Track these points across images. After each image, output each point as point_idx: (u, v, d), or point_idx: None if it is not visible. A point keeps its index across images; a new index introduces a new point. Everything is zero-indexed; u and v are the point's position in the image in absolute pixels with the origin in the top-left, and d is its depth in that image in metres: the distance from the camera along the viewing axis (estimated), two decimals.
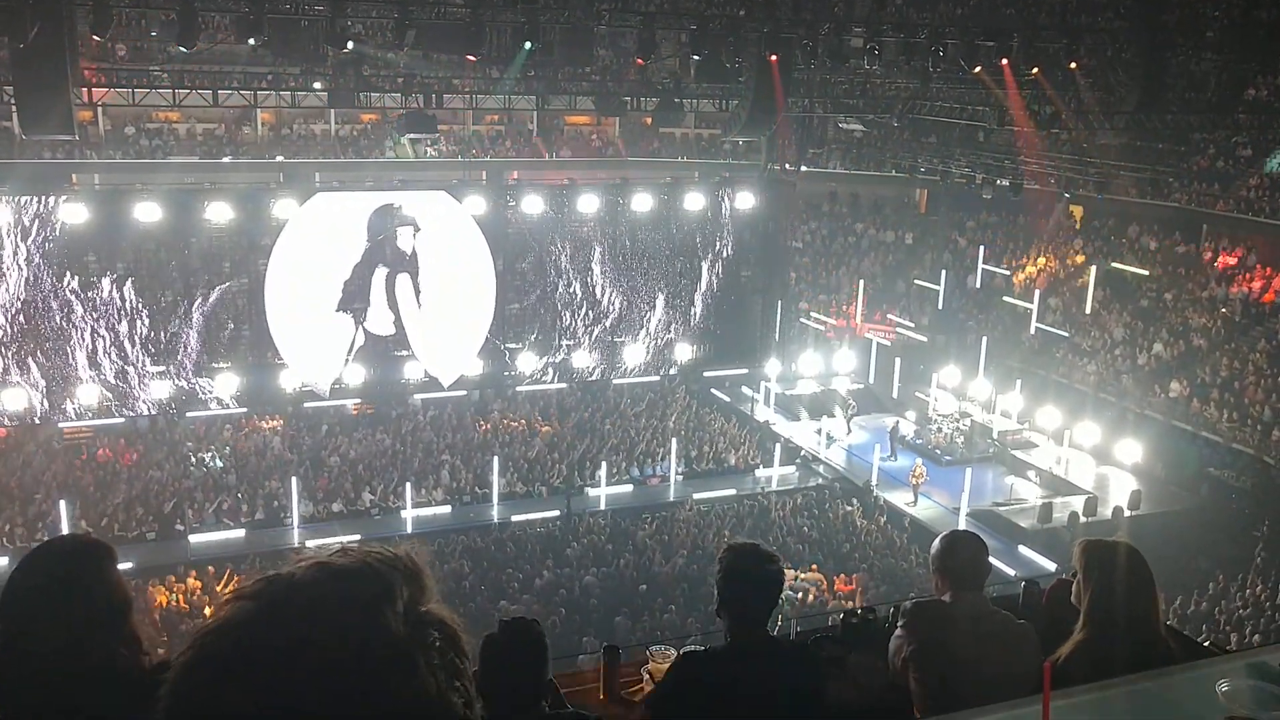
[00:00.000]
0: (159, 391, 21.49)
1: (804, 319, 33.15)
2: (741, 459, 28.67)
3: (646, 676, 4.46)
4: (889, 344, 32.68)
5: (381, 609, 1.16)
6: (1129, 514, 24.15)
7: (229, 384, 21.92)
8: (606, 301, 24.57)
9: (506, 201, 23.70)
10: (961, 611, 3.87)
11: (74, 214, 20.20)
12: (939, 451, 28.47)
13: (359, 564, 1.21)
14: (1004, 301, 32.81)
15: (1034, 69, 25.46)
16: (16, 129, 23.96)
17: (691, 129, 37.15)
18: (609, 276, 24.49)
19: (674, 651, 4.33)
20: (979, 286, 34.05)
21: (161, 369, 21.38)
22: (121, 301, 20.90)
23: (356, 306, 22.52)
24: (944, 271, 34.06)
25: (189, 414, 24.08)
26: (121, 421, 24.36)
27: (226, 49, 27.73)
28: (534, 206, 23.54)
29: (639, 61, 26.27)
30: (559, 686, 3.81)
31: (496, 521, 24.98)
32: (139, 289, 21.08)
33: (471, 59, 26.92)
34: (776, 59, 24.45)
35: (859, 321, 33.37)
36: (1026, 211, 33.21)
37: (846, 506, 25.97)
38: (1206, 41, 28.60)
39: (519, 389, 28.00)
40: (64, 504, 22.35)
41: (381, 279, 22.61)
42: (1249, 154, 29.34)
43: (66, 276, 20.41)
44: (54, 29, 18.54)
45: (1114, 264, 31.38)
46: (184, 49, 20.77)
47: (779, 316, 27.04)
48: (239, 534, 23.75)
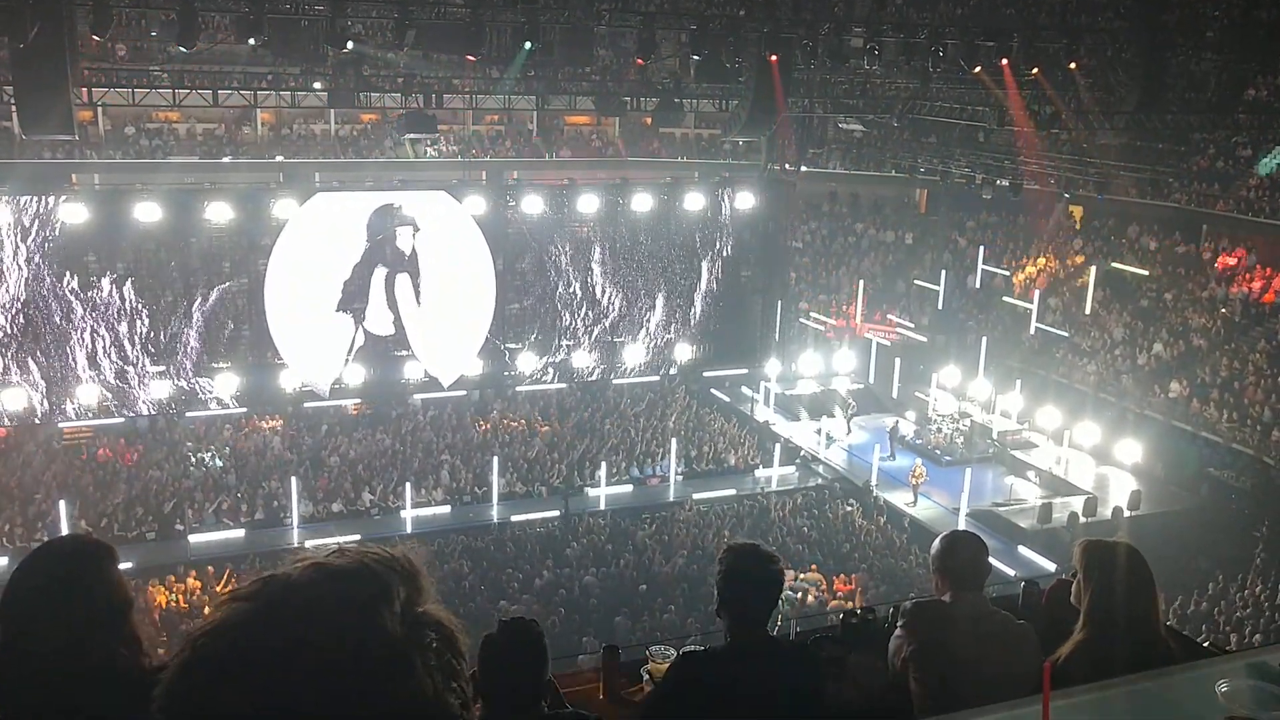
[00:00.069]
0: (159, 391, 21.48)
1: (804, 319, 33.14)
2: (741, 459, 28.68)
3: (646, 677, 4.45)
4: (889, 344, 32.67)
5: (378, 610, 1.16)
6: (1129, 514, 24.15)
7: (229, 384, 21.92)
8: (606, 301, 24.56)
9: (506, 201, 23.69)
10: (961, 612, 3.87)
11: (74, 214, 20.18)
12: (939, 452, 28.47)
13: (356, 565, 1.21)
14: (1004, 301, 32.80)
15: (1034, 69, 25.45)
16: (16, 129, 23.94)
17: (691, 129, 37.16)
18: (609, 276, 24.48)
19: (674, 652, 4.33)
20: (979, 286, 34.05)
21: (161, 369, 21.37)
22: (121, 301, 20.88)
23: (356, 306, 22.51)
24: (944, 271, 34.06)
25: (189, 414, 24.07)
26: (121, 421, 24.36)
27: (226, 49, 27.72)
28: (534, 206, 23.53)
29: (639, 61, 26.26)
30: (559, 686, 3.81)
31: (496, 521, 25.00)
32: (139, 289, 21.07)
33: (471, 59, 26.94)
34: (776, 59, 24.46)
35: (859, 321, 33.37)
36: (1026, 211, 33.20)
37: (846, 507, 25.98)
38: (1206, 41, 28.59)
39: (519, 389, 28.00)
40: (64, 504, 22.38)
41: (381, 279, 22.60)
42: (1249, 154, 29.32)
43: (66, 276, 20.38)
44: (54, 29, 18.54)
45: (1114, 264, 31.38)
46: (184, 49, 20.76)
47: (779, 316, 27.03)
48: (239, 534, 23.77)
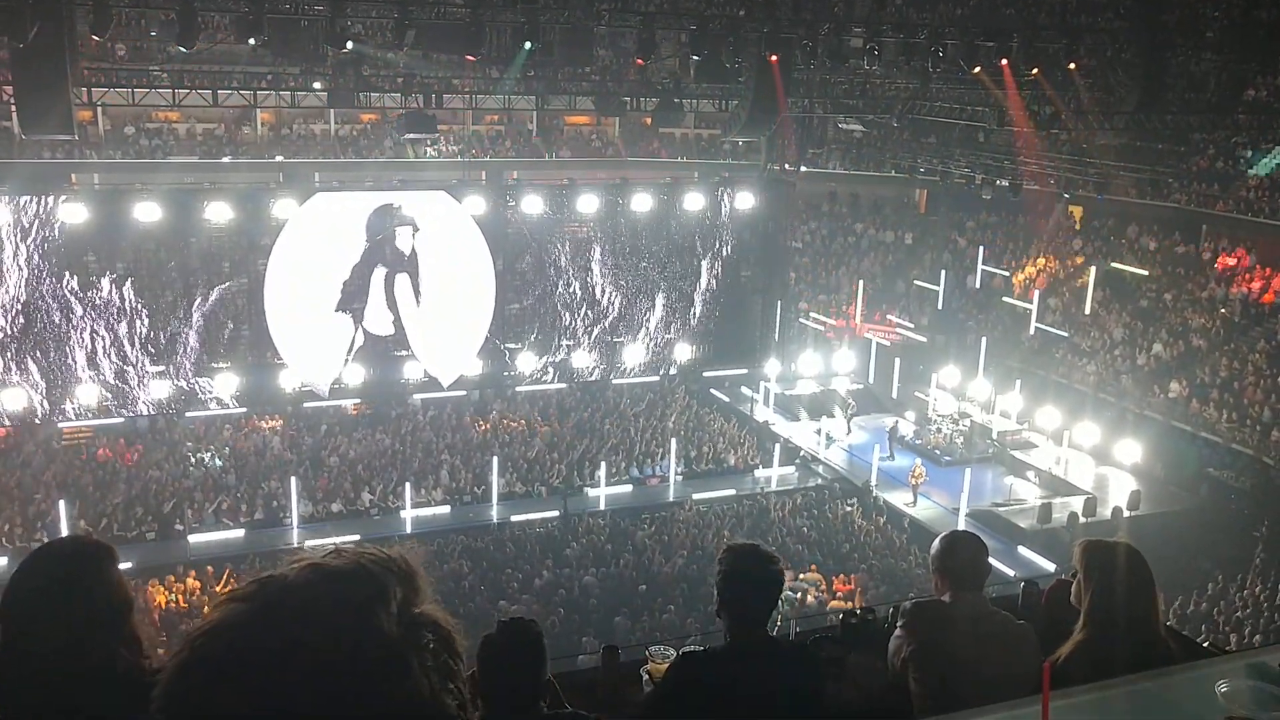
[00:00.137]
0: (158, 391, 21.47)
1: (803, 319, 33.14)
2: (741, 459, 28.68)
3: (646, 677, 4.45)
4: (889, 344, 32.66)
5: (375, 611, 1.16)
6: (1128, 514, 24.15)
7: (228, 384, 21.92)
8: (606, 301, 24.56)
9: (506, 201, 23.69)
10: (961, 612, 3.87)
11: (73, 214, 20.17)
12: (938, 452, 28.47)
13: (353, 565, 1.21)
14: (1003, 302, 32.81)
15: (1034, 69, 25.46)
16: (16, 129, 23.93)
17: (691, 129, 37.17)
18: (609, 276, 24.48)
19: (673, 652, 4.32)
20: (978, 287, 34.05)
21: (161, 369, 21.36)
22: (121, 301, 20.88)
23: (355, 306, 22.51)
24: (943, 272, 34.06)
25: (188, 414, 24.07)
26: (121, 421, 24.36)
27: (226, 49, 27.72)
28: (534, 206, 23.53)
29: (639, 61, 26.27)
30: (558, 687, 3.81)
31: (496, 522, 24.99)
32: (138, 289, 21.06)
33: (471, 59, 26.95)
34: (777, 59, 24.47)
35: (859, 322, 33.36)
36: (1026, 212, 33.19)
37: (846, 507, 25.96)
38: (1206, 42, 28.60)
39: (519, 389, 28.00)
40: (63, 504, 22.37)
41: (380, 279, 22.60)
42: (1249, 154, 29.34)
43: (66, 276, 20.38)
44: (54, 29, 18.54)
45: (1113, 264, 31.38)
46: (184, 49, 20.76)
47: (779, 317, 27.02)
48: (238, 534, 23.77)
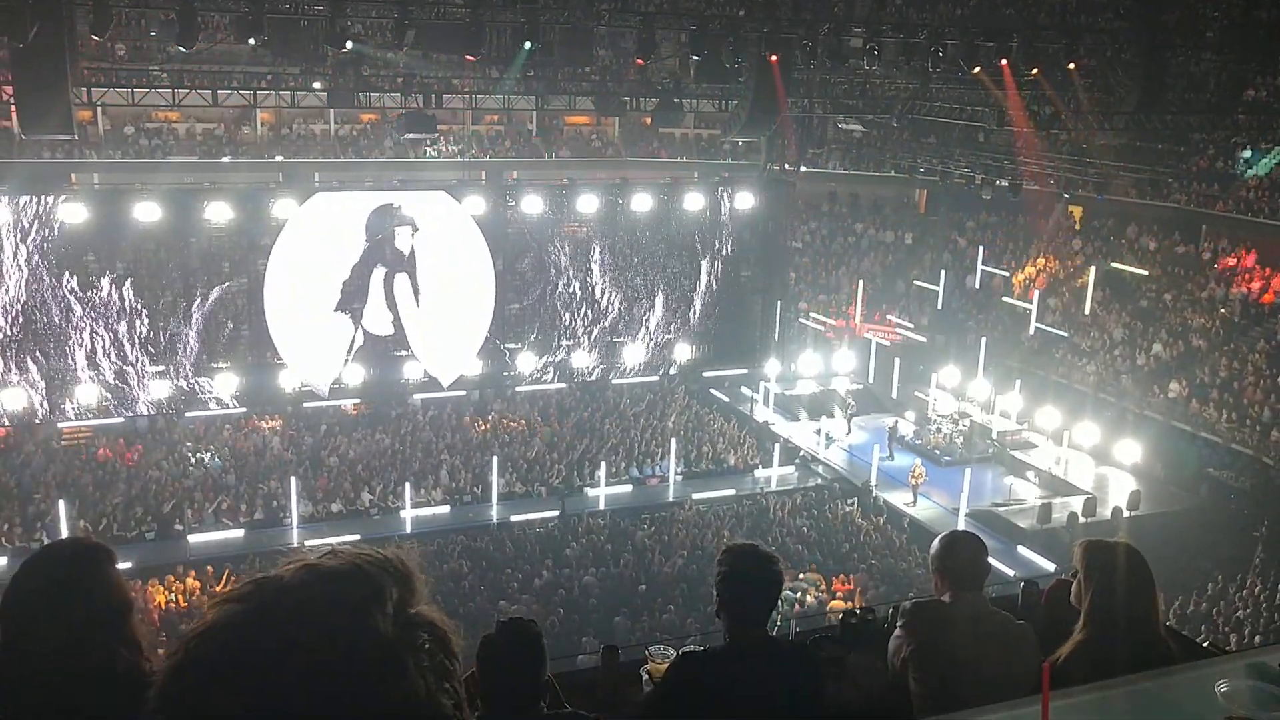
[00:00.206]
0: (158, 391, 21.47)
1: (803, 319, 33.13)
2: (741, 459, 28.67)
3: (645, 677, 4.45)
4: (889, 344, 32.66)
5: (370, 611, 1.16)
6: (1128, 514, 24.15)
7: (228, 384, 21.91)
8: (606, 301, 24.55)
9: (506, 201, 23.69)
10: (961, 612, 3.87)
11: (73, 214, 20.17)
12: (938, 452, 28.46)
13: (348, 566, 1.21)
14: (1003, 302, 32.81)
15: (1034, 69, 25.46)
16: (16, 129, 23.93)
17: (691, 129, 37.16)
18: (608, 276, 24.47)
19: (673, 652, 4.32)
20: (978, 287, 34.06)
21: (161, 369, 21.36)
22: (121, 301, 20.88)
23: (355, 306, 22.50)
24: (943, 272, 34.06)
25: (188, 414, 24.07)
26: (121, 421, 24.35)
27: (226, 49, 27.71)
28: (533, 206, 23.53)
29: (639, 61, 26.27)
30: (558, 686, 3.80)
31: (495, 522, 24.97)
32: (138, 289, 21.06)
33: (471, 59, 26.94)
34: (777, 59, 24.47)
35: (858, 322, 33.36)
36: (1026, 212, 33.19)
37: (846, 507, 25.96)
38: (1206, 42, 28.61)
39: (518, 389, 27.99)
40: (63, 504, 22.36)
41: (380, 279, 22.60)
42: (1248, 154, 29.34)
43: (66, 276, 20.38)
44: (54, 29, 18.54)
45: (1113, 264, 31.39)
46: (183, 49, 20.77)
47: (778, 316, 27.03)
48: (238, 534, 23.76)
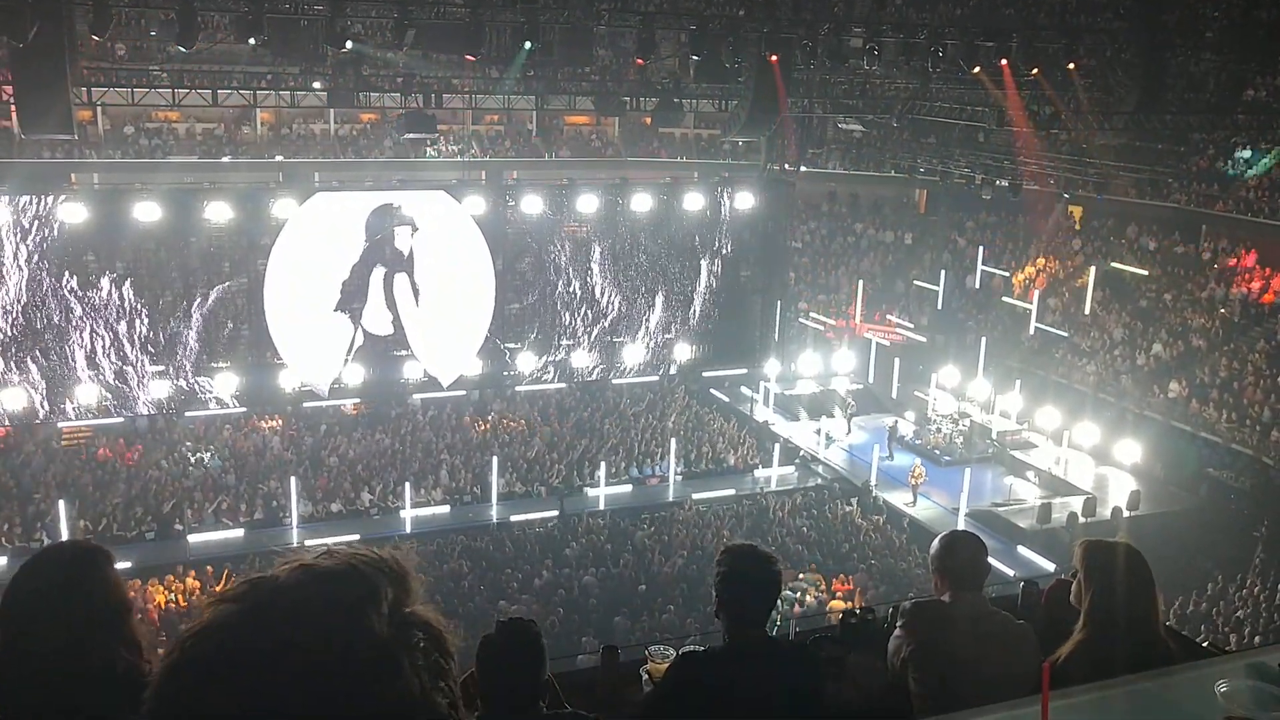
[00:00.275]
0: (158, 391, 21.46)
1: (803, 319, 33.13)
2: (741, 459, 28.67)
3: (645, 677, 4.44)
4: (889, 344, 32.66)
5: (365, 611, 1.16)
6: (1128, 514, 24.15)
7: (228, 384, 21.90)
8: (606, 301, 24.55)
9: (506, 201, 23.68)
10: (961, 612, 3.86)
11: (73, 214, 20.15)
12: (938, 452, 28.46)
13: (344, 566, 1.21)
14: (1003, 302, 32.81)
15: (1033, 69, 25.46)
16: (16, 128, 23.93)
17: (691, 129, 37.15)
18: (608, 276, 24.47)
19: (673, 652, 4.32)
20: (978, 287, 34.06)
21: (161, 369, 21.35)
22: (121, 301, 20.86)
23: (355, 306, 22.50)
24: (943, 272, 34.06)
25: (188, 414, 24.05)
26: (120, 421, 24.35)
27: (226, 49, 27.71)
28: (533, 206, 23.53)
29: (639, 61, 26.27)
30: (558, 686, 3.80)
31: (495, 521, 24.97)
32: (138, 289, 21.05)
33: (471, 59, 26.93)
34: (777, 59, 24.47)
35: (858, 321, 33.37)
36: (1026, 212, 33.19)
37: (846, 507, 25.96)
38: (1206, 42, 28.61)
39: (518, 389, 27.99)
40: (63, 503, 22.36)
41: (379, 279, 22.59)
42: (1247, 154, 29.34)
43: (66, 276, 20.37)
44: (53, 29, 18.54)
45: (1113, 264, 31.39)
46: (183, 49, 20.76)
47: (778, 316, 27.02)
48: (238, 534, 23.75)
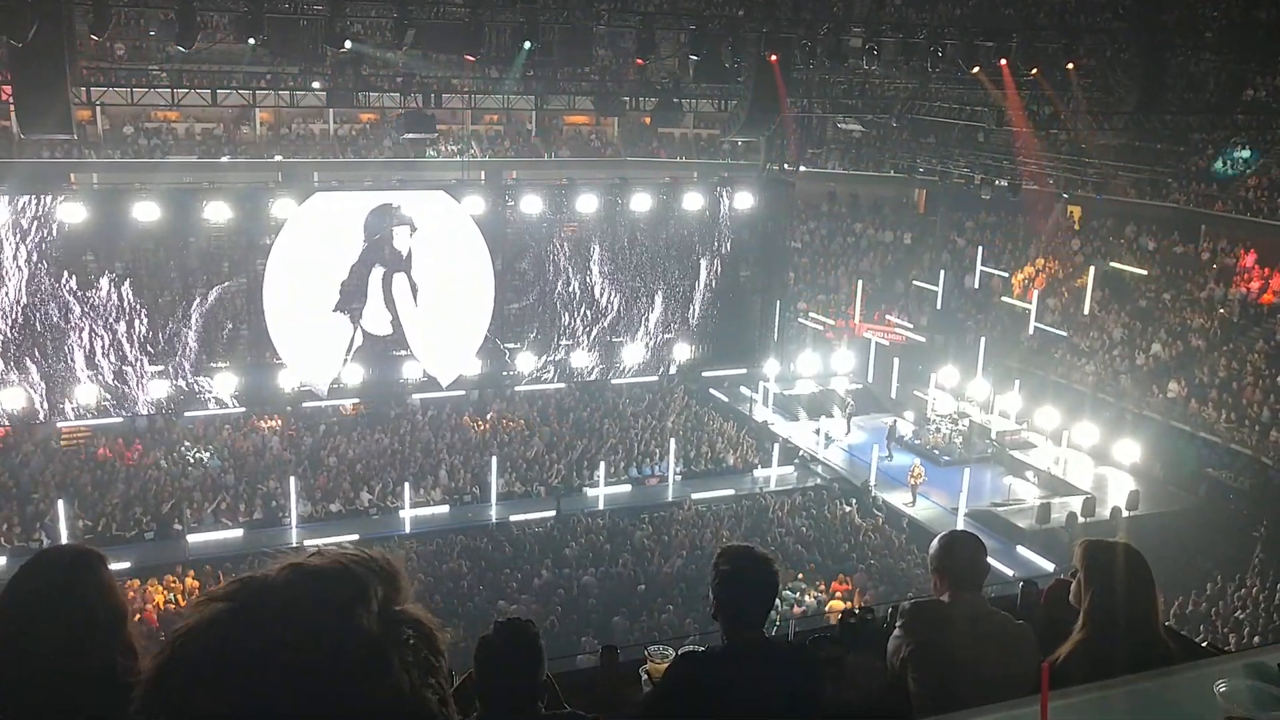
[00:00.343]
0: (157, 391, 21.44)
1: (803, 319, 33.14)
2: (740, 459, 28.67)
3: (645, 677, 4.44)
4: (888, 344, 32.66)
5: (355, 609, 1.16)
6: (1127, 514, 24.15)
7: (227, 384, 21.89)
8: (605, 301, 24.53)
9: (505, 201, 23.68)
10: (960, 612, 3.86)
11: (72, 213, 20.13)
12: (937, 451, 28.47)
13: (333, 565, 1.21)
14: (1002, 302, 32.82)
15: (1033, 69, 25.46)
16: (15, 128, 23.92)
17: (690, 129, 37.16)
18: (608, 276, 24.46)
19: (672, 651, 4.31)
20: (977, 287, 34.06)
21: (160, 369, 21.33)
22: (120, 301, 20.84)
23: (354, 306, 22.49)
24: (942, 271, 34.08)
25: (187, 414, 24.05)
26: (120, 421, 24.33)
27: (225, 49, 27.71)
28: (533, 206, 23.52)
29: (638, 61, 26.28)
30: (557, 686, 3.80)
31: (495, 521, 24.97)
32: (137, 289, 21.02)
33: (470, 59, 26.92)
34: (776, 59, 24.47)
35: (858, 321, 33.37)
36: (1025, 212, 33.20)
37: (845, 507, 25.96)
38: (1205, 42, 28.60)
39: (518, 389, 27.98)
40: (62, 503, 22.36)
41: (378, 279, 22.57)
42: (1248, 154, 29.35)
43: (65, 276, 20.35)
44: (53, 28, 18.53)
45: (1112, 264, 31.39)
46: (183, 49, 20.75)
47: (778, 316, 27.00)
48: (237, 534, 23.77)
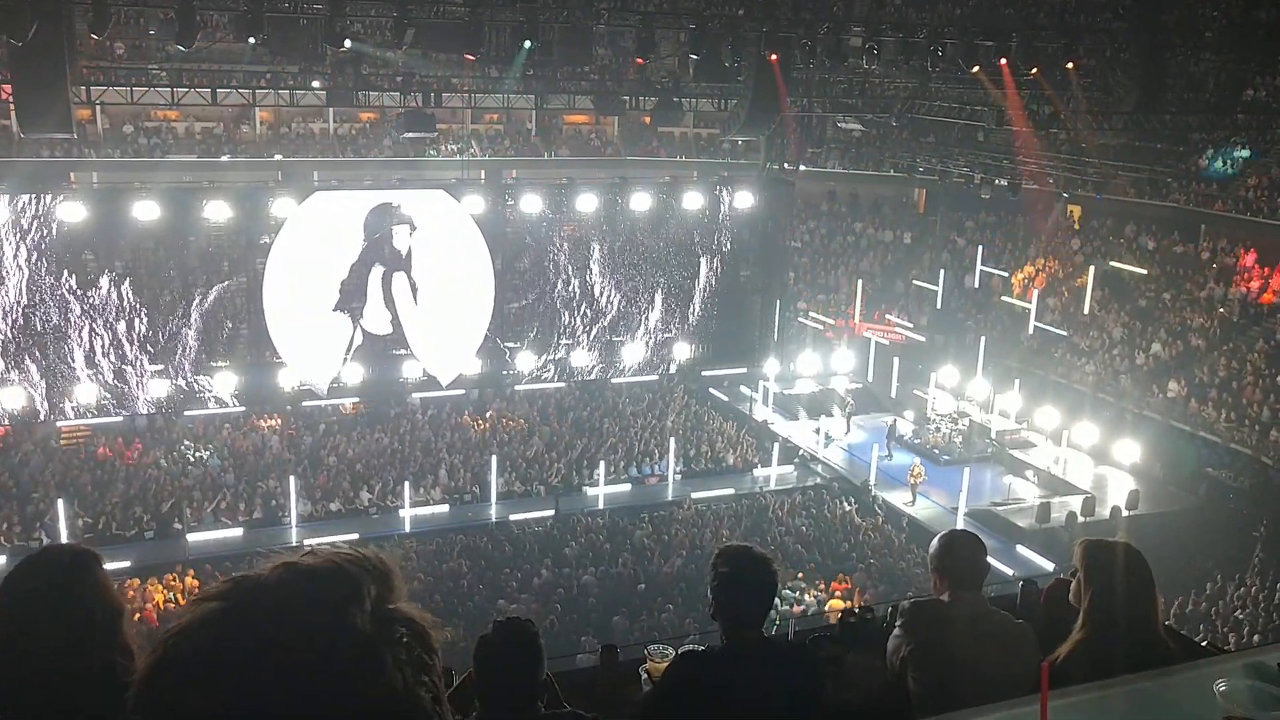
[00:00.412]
0: (157, 390, 21.45)
1: (802, 318, 33.14)
2: (740, 458, 28.66)
3: (644, 676, 4.44)
4: (888, 344, 32.65)
5: (348, 608, 1.16)
6: (1127, 514, 24.15)
7: (227, 383, 21.90)
8: (605, 300, 24.54)
9: (505, 200, 23.68)
10: (960, 611, 3.86)
11: (72, 213, 20.13)
12: (937, 451, 28.46)
13: (326, 564, 1.21)
14: (1002, 301, 32.82)
15: (1033, 69, 25.46)
16: (15, 127, 23.91)
17: (690, 128, 37.13)
18: (607, 275, 24.46)
19: (672, 651, 4.31)
20: (977, 286, 34.06)
21: (160, 368, 21.34)
22: (120, 300, 20.84)
23: (354, 306, 22.49)
24: (942, 271, 34.07)
25: (187, 413, 24.05)
26: (120, 420, 24.33)
27: (225, 48, 27.70)
28: (532, 205, 23.52)
29: (638, 61, 26.27)
30: (556, 686, 3.80)
31: (494, 521, 24.96)
32: (137, 288, 21.03)
33: (470, 58, 26.91)
34: (776, 58, 24.46)
35: (857, 321, 33.37)
36: (1025, 211, 33.20)
37: (845, 506, 25.96)
38: (1205, 42, 28.61)
39: (518, 388, 27.98)
40: (61, 503, 22.35)
41: (378, 278, 22.57)
42: (1247, 154, 29.34)
43: (64, 275, 20.35)
44: (53, 27, 18.53)
45: (1112, 264, 31.39)
46: (182, 48, 20.74)
47: (777, 316, 27.01)
48: (237, 533, 23.75)
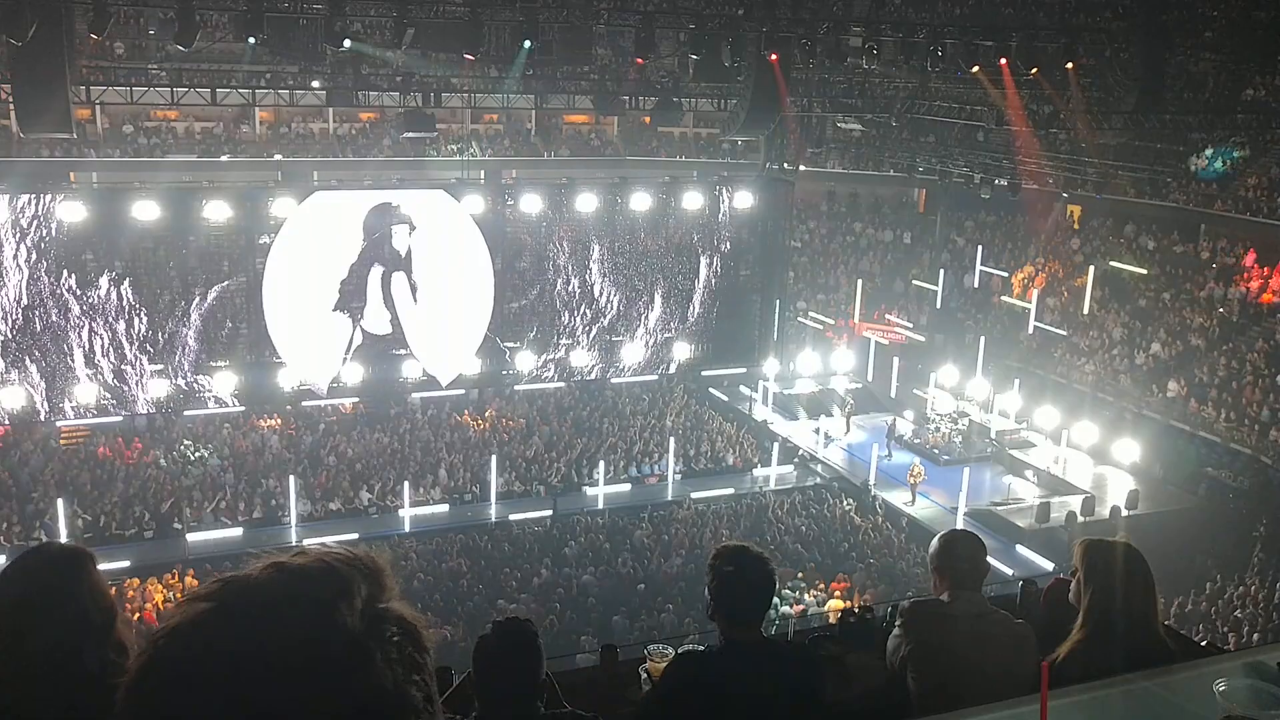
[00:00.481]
0: (157, 390, 21.46)
1: (802, 318, 33.14)
2: (739, 458, 28.66)
3: (644, 676, 4.44)
4: (888, 344, 32.65)
5: (338, 607, 1.16)
6: (1126, 514, 24.15)
7: (227, 382, 21.90)
8: (605, 300, 24.54)
9: (505, 200, 23.68)
10: (959, 611, 3.86)
11: (72, 212, 20.14)
12: (937, 451, 28.45)
13: (316, 563, 1.21)
14: (1002, 301, 32.81)
15: (1032, 69, 25.46)
16: (15, 127, 23.91)
17: (690, 128, 37.10)
18: (607, 275, 24.47)
19: (672, 651, 4.32)
20: (977, 286, 34.06)
21: (160, 368, 21.35)
22: (119, 300, 20.85)
23: (353, 305, 22.49)
24: (942, 271, 34.07)
25: (187, 413, 24.05)
26: (119, 420, 24.32)
27: (225, 48, 27.68)
28: (532, 205, 23.52)
29: (638, 60, 26.24)
30: (556, 686, 3.80)
31: (494, 520, 24.95)
32: (137, 288, 21.04)
33: (470, 58, 26.88)
34: (776, 58, 24.47)
35: (857, 321, 33.37)
36: (1025, 211, 33.20)
37: (844, 506, 25.96)
38: (1205, 42, 28.62)
39: (517, 387, 27.97)
40: (61, 502, 22.34)
41: (377, 278, 22.58)
42: (1247, 154, 29.33)
43: (64, 275, 20.36)
44: (52, 27, 18.55)
45: (1112, 264, 31.39)
46: (182, 48, 20.74)
47: (777, 315, 27.02)
48: (236, 533, 23.73)
